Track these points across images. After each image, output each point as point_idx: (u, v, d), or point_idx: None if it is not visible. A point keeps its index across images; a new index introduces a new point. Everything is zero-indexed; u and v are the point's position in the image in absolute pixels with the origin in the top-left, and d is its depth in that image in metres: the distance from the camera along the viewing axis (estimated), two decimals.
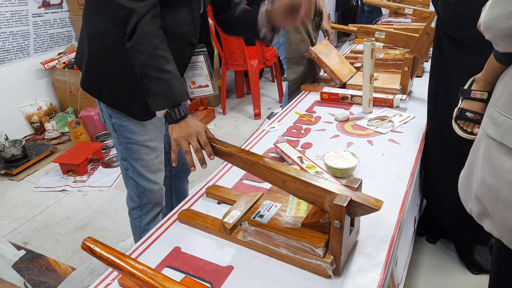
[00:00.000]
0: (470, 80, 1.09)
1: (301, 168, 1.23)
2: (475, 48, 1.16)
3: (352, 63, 2.17)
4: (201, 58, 1.20)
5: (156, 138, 1.32)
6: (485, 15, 0.75)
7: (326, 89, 1.83)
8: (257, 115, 3.45)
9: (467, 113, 1.07)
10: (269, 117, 3.29)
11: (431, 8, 2.50)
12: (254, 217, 0.94)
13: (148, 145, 1.29)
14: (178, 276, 0.90)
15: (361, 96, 1.70)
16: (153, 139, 1.30)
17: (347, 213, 0.79)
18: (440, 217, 1.69)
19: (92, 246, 0.80)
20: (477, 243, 1.61)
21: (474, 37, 0.96)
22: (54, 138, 3.26)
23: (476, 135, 1.04)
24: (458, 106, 1.11)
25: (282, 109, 1.83)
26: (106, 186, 2.56)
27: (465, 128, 1.09)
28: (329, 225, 0.83)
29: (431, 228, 1.83)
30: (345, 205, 0.77)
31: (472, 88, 1.06)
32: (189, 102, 1.10)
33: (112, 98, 1.20)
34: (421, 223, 1.79)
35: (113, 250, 0.79)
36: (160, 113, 1.07)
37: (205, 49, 1.20)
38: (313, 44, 2.11)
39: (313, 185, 0.83)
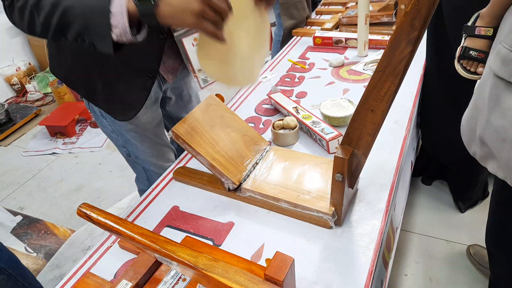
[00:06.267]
0: (474, 16, 1.02)
1: (297, 119, 1.18)
2: None
3: (342, 12, 2.05)
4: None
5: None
6: None
7: (319, 33, 1.74)
8: None
9: (470, 52, 1.01)
10: None
11: None
12: None
13: (138, 131, 1.13)
14: (178, 235, 0.89)
15: (356, 39, 1.62)
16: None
17: (348, 166, 0.76)
18: (436, 156, 1.70)
19: (88, 212, 0.77)
20: (471, 181, 1.64)
21: None
22: (37, 100, 3.15)
23: (480, 75, 1.00)
24: (461, 45, 1.05)
25: (272, 57, 1.75)
26: (97, 147, 2.51)
27: (468, 68, 1.04)
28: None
29: (426, 169, 1.85)
30: (347, 158, 0.74)
31: (476, 24, 1.00)
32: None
33: (91, 92, 1.04)
34: (416, 165, 1.80)
35: (110, 215, 0.76)
36: (140, 37, 0.76)
37: None
38: None
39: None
